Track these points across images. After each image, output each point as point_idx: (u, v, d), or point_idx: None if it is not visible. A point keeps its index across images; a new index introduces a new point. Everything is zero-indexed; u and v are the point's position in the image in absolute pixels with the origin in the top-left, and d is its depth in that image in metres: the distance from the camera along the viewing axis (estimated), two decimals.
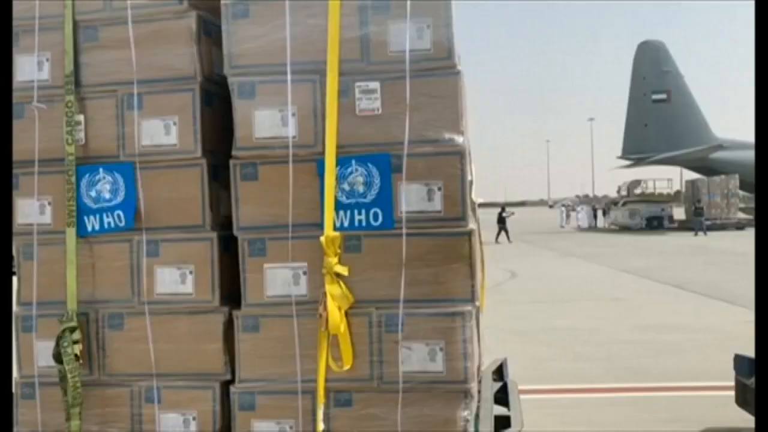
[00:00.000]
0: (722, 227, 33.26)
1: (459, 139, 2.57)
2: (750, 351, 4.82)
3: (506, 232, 30.26)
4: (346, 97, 2.56)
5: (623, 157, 43.00)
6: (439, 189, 2.55)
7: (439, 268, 2.55)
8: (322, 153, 2.53)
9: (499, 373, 4.58)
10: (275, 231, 2.57)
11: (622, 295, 11.84)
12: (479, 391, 3.78)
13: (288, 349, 2.55)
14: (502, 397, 4.13)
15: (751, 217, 35.65)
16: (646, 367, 6.50)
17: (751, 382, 4.36)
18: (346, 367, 2.49)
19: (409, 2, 2.54)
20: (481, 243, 4.47)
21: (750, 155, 39.68)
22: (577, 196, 73.56)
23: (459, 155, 2.56)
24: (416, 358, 2.52)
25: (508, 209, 32.62)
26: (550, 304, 11.07)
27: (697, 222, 31.73)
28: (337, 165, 2.52)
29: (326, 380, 2.51)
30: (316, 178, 2.55)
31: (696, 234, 30.36)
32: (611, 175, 67.72)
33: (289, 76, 2.56)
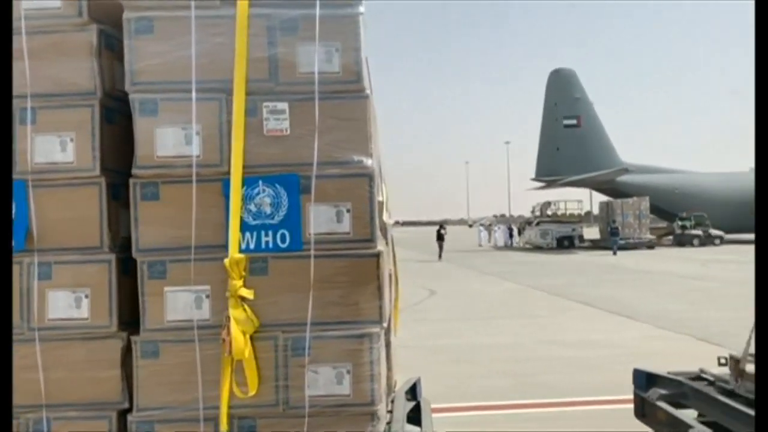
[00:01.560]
0: (634, 247, 35.19)
1: (368, 161, 2.59)
2: (650, 365, 5.12)
3: (440, 249, 31.30)
4: (254, 117, 2.53)
5: (537, 179, 44.87)
6: (348, 210, 2.55)
7: (347, 289, 2.54)
8: (228, 173, 2.48)
9: (413, 392, 4.61)
10: (177, 253, 2.48)
11: (536, 312, 12.24)
12: (390, 411, 3.79)
13: (189, 376, 2.46)
14: (414, 416, 4.16)
15: (653, 237, 37.98)
16: (556, 383, 6.72)
17: (648, 395, 4.60)
18: (252, 392, 2.43)
19: (318, 25, 2.54)
20: (395, 262, 4.52)
21: (652, 179, 42.47)
22: (495, 216, 75.81)
23: (368, 177, 2.57)
24: (323, 381, 2.49)
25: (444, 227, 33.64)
26: (468, 322, 11.28)
27: (613, 241, 33.43)
28: (243, 185, 2.48)
29: (229, 407, 2.43)
30: (222, 199, 2.49)
31: (615, 253, 31.90)
32: (526, 196, 70.16)
33: (194, 94, 2.50)
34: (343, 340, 2.51)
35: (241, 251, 2.46)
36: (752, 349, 4.26)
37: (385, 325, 2.67)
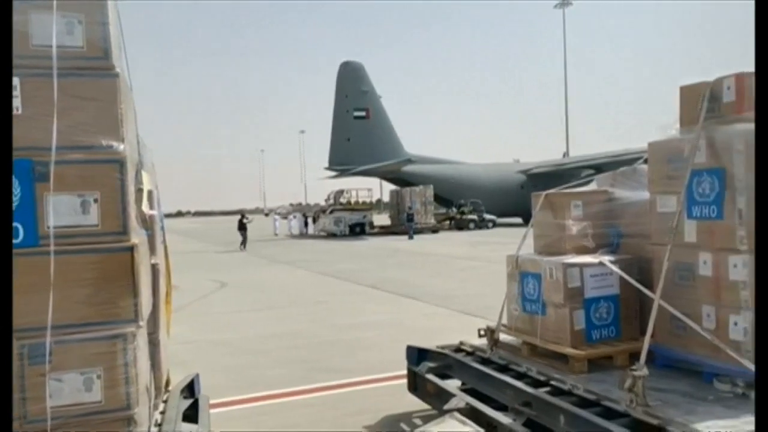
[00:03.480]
0: (420, 231, 37.64)
1: (119, 146, 2.38)
2: (425, 341, 5.52)
3: (244, 239, 30.54)
4: None
5: (330, 168, 45.93)
6: (96, 200, 2.33)
7: (96, 287, 2.32)
8: None
9: (191, 389, 4.42)
10: None
11: (324, 298, 12.50)
12: (163, 412, 3.58)
13: None
14: (191, 413, 3.99)
15: (437, 222, 41.15)
16: (341, 365, 6.93)
17: (419, 369, 4.96)
18: None
19: None
20: (167, 255, 4.26)
21: (433, 169, 45.91)
22: (291, 205, 75.95)
23: (119, 164, 2.37)
24: (68, 390, 2.26)
25: (248, 216, 32.79)
26: (257, 312, 11.15)
27: (409, 226, 35.44)
28: None
29: None
30: None
31: (411, 237, 33.82)
32: (323, 185, 71.42)
33: None
34: (91, 343, 2.29)
35: None
36: (505, 320, 4.81)
37: (142, 323, 2.49)
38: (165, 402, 3.71)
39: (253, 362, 7.33)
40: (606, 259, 4.15)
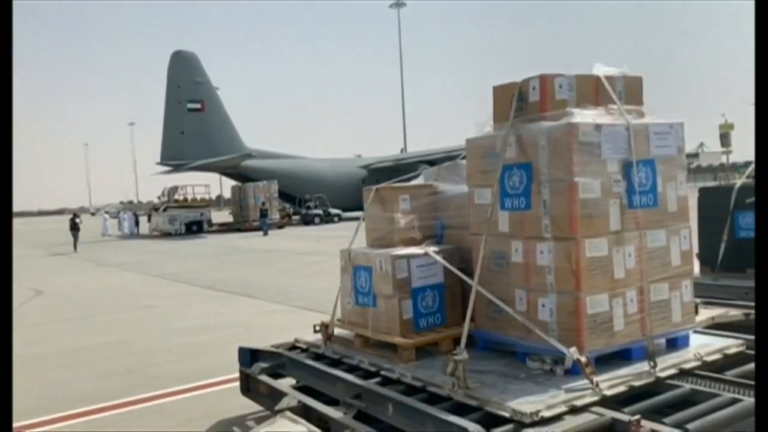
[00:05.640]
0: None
1: None
2: (263, 341, 5.34)
3: (75, 240, 28.95)
4: None
5: (163, 163, 43.41)
6: None
7: None
8: None
9: None
10: None
11: (155, 302, 11.79)
12: None
13: None
14: None
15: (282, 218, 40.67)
16: (173, 373, 6.55)
17: (251, 370, 4.81)
18: None
19: None
20: None
21: (274, 164, 45.29)
22: (121, 203, 70.94)
23: None
24: None
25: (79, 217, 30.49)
26: (78, 321, 10.23)
27: (263, 222, 34.51)
28: None
29: None
30: None
31: (266, 234, 33.00)
32: (157, 181, 67.46)
33: None
34: None
35: None
36: (339, 315, 4.82)
37: None
38: None
39: (74, 376, 6.69)
40: (431, 249, 4.31)
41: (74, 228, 29.48)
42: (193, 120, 43.19)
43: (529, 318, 3.63)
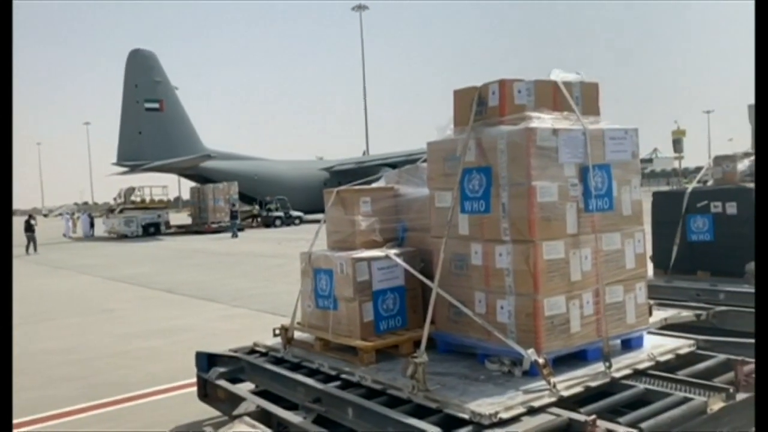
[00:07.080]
0: (225, 230, 36.33)
1: None
2: (222, 345, 5.24)
3: (34, 242, 28.22)
4: None
5: (119, 163, 42.42)
6: None
7: None
8: None
9: None
10: None
11: (111, 306, 11.51)
12: None
13: None
14: None
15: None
16: (127, 379, 6.39)
17: (209, 375, 4.72)
18: None
19: None
20: None
21: (234, 165, 44.69)
22: (76, 204, 69.00)
23: None
24: None
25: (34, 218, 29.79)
26: (29, 326, 9.89)
27: (233, 224, 34.06)
28: None
29: None
30: None
31: (235, 235, 32.50)
32: (113, 182, 65.82)
33: None
34: None
35: None
36: (299, 317, 4.78)
37: None
38: None
39: (16, 384, 6.44)
40: (392, 252, 4.31)
41: (29, 229, 28.55)
42: (151, 120, 42.31)
43: (488, 320, 3.66)
